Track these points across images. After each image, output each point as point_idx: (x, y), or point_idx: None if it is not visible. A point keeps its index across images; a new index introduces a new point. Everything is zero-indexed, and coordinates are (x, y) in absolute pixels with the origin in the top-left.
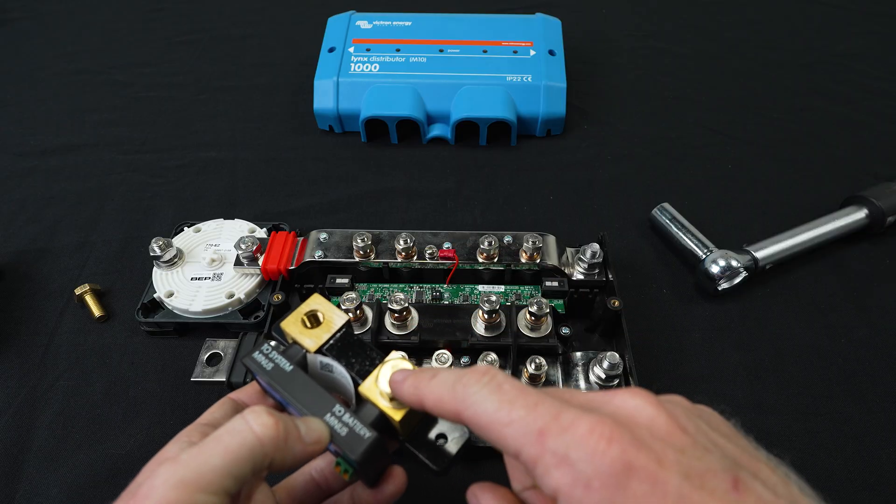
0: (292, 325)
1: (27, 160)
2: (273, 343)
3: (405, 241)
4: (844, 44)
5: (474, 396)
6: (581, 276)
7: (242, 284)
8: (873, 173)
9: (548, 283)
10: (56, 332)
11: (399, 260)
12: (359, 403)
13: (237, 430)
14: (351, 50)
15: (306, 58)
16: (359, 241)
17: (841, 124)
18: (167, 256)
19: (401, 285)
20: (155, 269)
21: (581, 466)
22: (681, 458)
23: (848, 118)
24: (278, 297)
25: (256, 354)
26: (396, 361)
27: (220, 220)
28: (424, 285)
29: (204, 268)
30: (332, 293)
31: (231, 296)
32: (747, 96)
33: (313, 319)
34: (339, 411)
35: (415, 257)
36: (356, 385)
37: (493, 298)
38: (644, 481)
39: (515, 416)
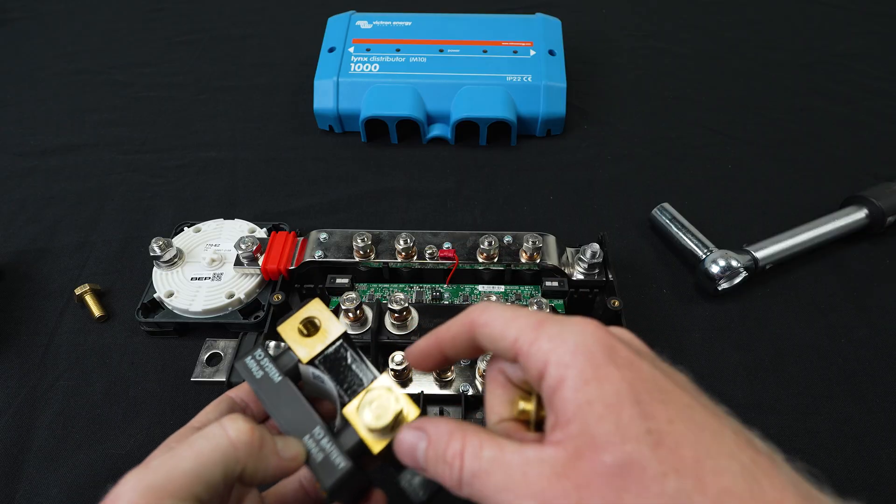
0: (288, 330)
1: (27, 160)
2: (273, 344)
3: (405, 241)
4: (844, 44)
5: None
6: (581, 276)
7: (242, 284)
8: (873, 173)
9: (548, 283)
10: (56, 332)
11: (399, 260)
12: (343, 422)
13: (212, 435)
14: (351, 50)
15: (306, 58)
16: (359, 241)
17: (841, 124)
18: (167, 256)
19: (401, 285)
20: (155, 269)
21: (571, 340)
22: (648, 354)
23: (848, 118)
24: (278, 297)
25: (248, 360)
26: (381, 393)
27: (220, 220)
28: (424, 285)
29: (204, 268)
30: (332, 293)
31: (231, 296)
32: (747, 96)
33: (310, 326)
34: (319, 434)
35: (415, 257)
36: (343, 404)
37: (494, 298)
38: (624, 362)
39: (521, 313)
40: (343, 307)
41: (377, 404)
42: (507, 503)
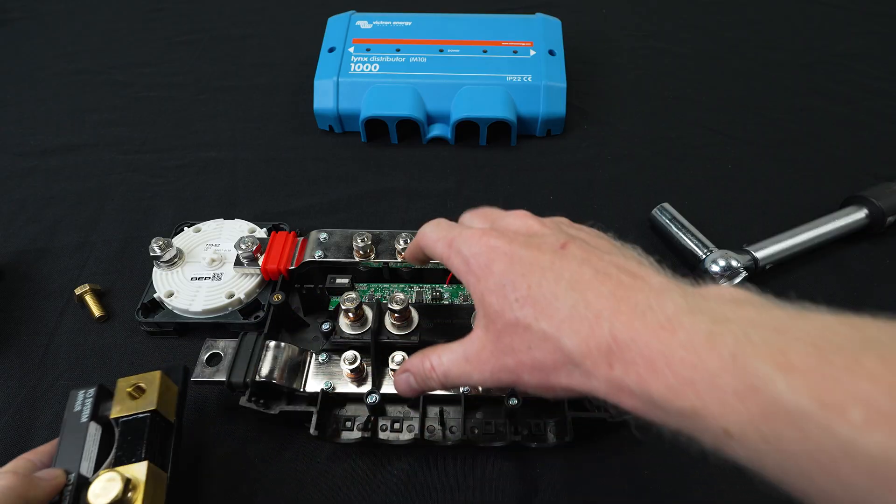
0: (122, 387)
1: (27, 160)
2: (273, 344)
3: (405, 241)
4: (844, 44)
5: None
6: None
7: (242, 284)
8: (873, 173)
9: None
10: (56, 332)
11: (399, 260)
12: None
13: None
14: (351, 50)
15: (306, 58)
16: (359, 241)
17: (841, 124)
18: (167, 256)
19: (401, 285)
20: (155, 269)
21: (466, 251)
22: (529, 239)
23: (848, 118)
24: (278, 297)
25: (80, 392)
26: (116, 478)
27: (220, 220)
28: (424, 285)
29: (204, 268)
30: (332, 293)
31: (231, 296)
32: (747, 96)
33: (138, 391)
34: (70, 479)
35: None
36: (95, 471)
37: None
38: (501, 256)
39: (441, 235)
40: (343, 307)
41: (103, 485)
42: (473, 378)
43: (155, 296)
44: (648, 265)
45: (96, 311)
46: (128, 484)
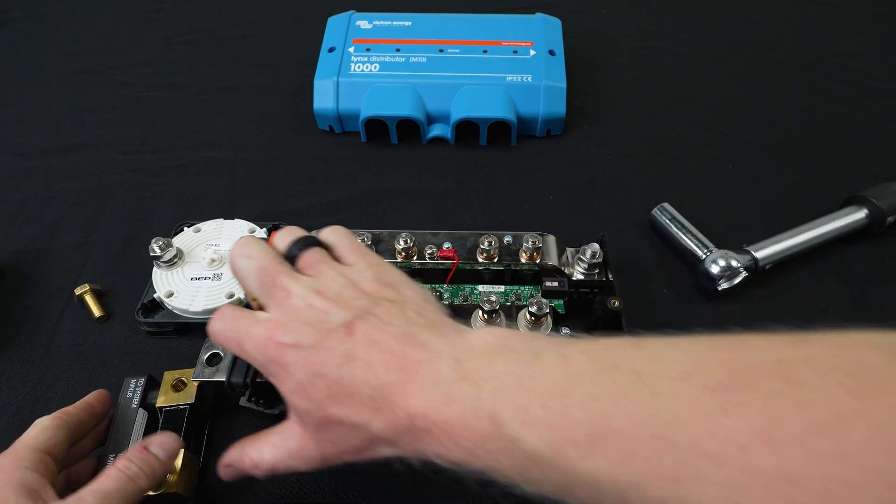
0: (168, 379)
1: (27, 160)
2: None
3: (405, 241)
4: (844, 44)
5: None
6: (581, 276)
7: None
8: (873, 173)
9: (548, 283)
10: (56, 332)
11: (399, 260)
12: None
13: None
14: (351, 50)
15: (306, 58)
16: (359, 241)
17: (841, 124)
18: (167, 256)
19: None
20: (155, 269)
21: (259, 358)
22: (317, 327)
23: (848, 118)
24: None
25: (133, 381)
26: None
27: (220, 220)
28: (424, 285)
29: (204, 268)
30: None
31: (231, 296)
32: (747, 96)
33: (181, 384)
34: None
35: (415, 257)
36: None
37: (493, 298)
38: (293, 358)
39: (227, 330)
40: None
41: None
42: (300, 469)
43: (155, 296)
44: (429, 322)
45: (96, 311)
46: None
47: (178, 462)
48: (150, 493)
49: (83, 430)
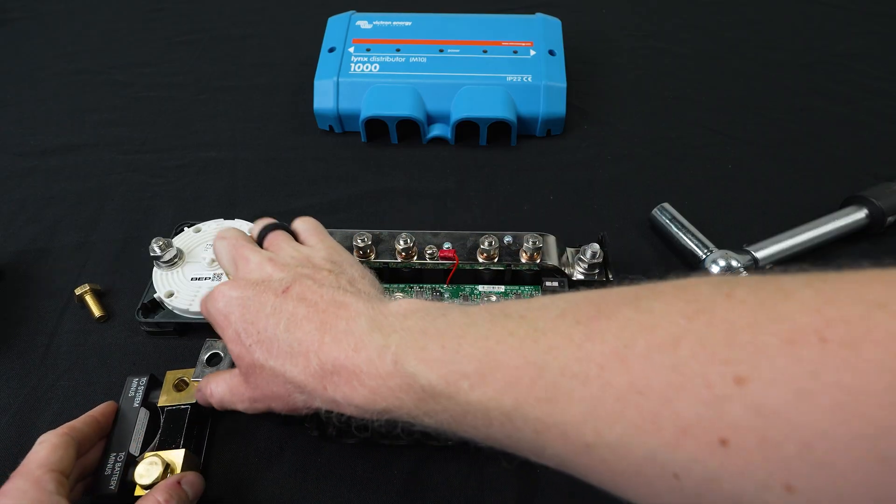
0: (170, 379)
1: (27, 160)
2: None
3: (405, 241)
4: (844, 44)
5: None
6: (581, 277)
7: None
8: (873, 173)
9: (548, 284)
10: (56, 332)
11: (399, 260)
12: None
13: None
14: (351, 50)
15: (306, 58)
16: (359, 241)
17: (841, 124)
18: (167, 256)
19: (401, 285)
20: (155, 269)
21: (212, 309)
22: (260, 285)
23: (848, 118)
24: None
25: (136, 380)
26: (156, 461)
27: (221, 220)
28: (424, 285)
29: (204, 268)
30: None
31: None
32: (747, 96)
33: (183, 384)
34: (120, 458)
35: (415, 257)
36: (141, 452)
37: (493, 298)
38: (236, 307)
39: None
40: None
41: (147, 467)
42: (237, 406)
43: (155, 296)
44: (357, 290)
45: (96, 311)
46: (167, 468)
47: (179, 462)
48: None
49: (88, 446)
